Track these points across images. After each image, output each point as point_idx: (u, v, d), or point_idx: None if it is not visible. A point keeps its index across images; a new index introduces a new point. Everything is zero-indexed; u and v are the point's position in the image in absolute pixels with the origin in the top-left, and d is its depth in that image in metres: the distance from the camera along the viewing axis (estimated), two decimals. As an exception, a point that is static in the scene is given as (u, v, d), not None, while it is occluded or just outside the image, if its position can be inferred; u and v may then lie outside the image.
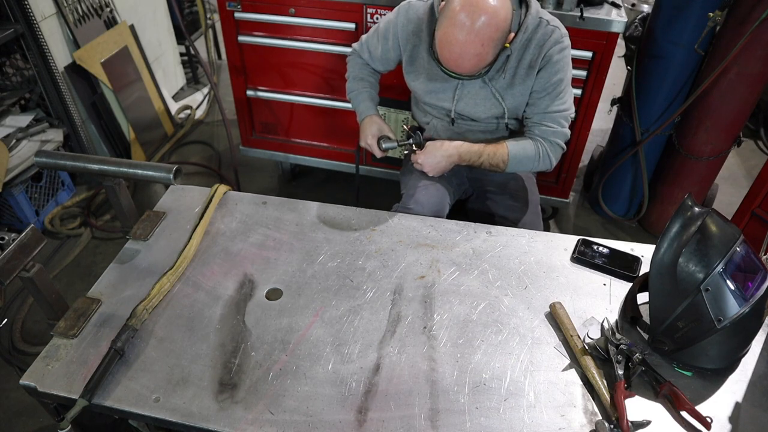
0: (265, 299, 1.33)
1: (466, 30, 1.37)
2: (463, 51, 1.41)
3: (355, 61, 1.91)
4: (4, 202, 2.68)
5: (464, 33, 1.37)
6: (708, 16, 2.22)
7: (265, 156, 3.00)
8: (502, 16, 1.38)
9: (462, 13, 1.36)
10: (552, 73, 1.58)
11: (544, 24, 1.56)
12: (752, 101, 2.43)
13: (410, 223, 1.56)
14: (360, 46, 1.88)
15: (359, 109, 1.85)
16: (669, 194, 2.79)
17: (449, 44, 1.41)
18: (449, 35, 1.40)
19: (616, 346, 1.16)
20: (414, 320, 1.28)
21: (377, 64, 1.85)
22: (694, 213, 1.19)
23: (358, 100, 1.86)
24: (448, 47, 1.42)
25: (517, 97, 1.65)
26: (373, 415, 1.09)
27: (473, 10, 1.36)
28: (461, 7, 1.37)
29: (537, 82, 1.60)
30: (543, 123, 1.64)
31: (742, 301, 1.10)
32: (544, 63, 1.57)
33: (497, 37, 1.40)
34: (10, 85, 2.83)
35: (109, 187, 1.44)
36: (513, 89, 1.64)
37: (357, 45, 1.89)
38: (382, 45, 1.77)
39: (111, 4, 3.21)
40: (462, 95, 1.69)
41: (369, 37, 1.83)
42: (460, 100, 1.70)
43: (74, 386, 1.12)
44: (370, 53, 1.84)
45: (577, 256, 1.44)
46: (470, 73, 1.48)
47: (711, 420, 1.05)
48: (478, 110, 1.71)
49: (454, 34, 1.39)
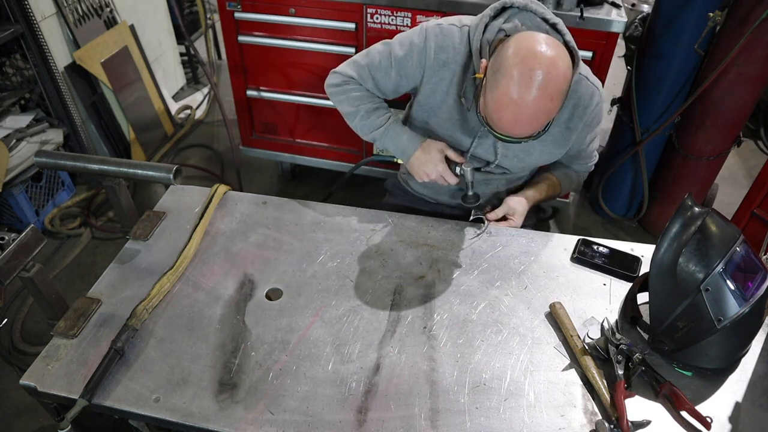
0: (265, 299, 1.33)
1: (536, 88, 1.15)
2: (532, 112, 1.19)
3: (358, 91, 1.55)
4: (4, 202, 2.68)
5: (535, 92, 1.16)
6: (708, 16, 2.22)
7: (265, 156, 3.00)
8: (568, 64, 1.20)
9: (528, 68, 1.15)
10: (592, 130, 1.56)
11: (583, 82, 1.44)
12: (752, 101, 2.43)
13: (410, 223, 1.56)
14: (360, 72, 1.53)
15: (400, 143, 1.52)
16: (669, 194, 2.79)
17: (514, 106, 1.19)
18: (512, 96, 1.17)
19: (616, 346, 1.16)
20: (414, 320, 1.28)
21: (383, 94, 1.57)
22: (694, 213, 1.19)
23: (392, 134, 1.53)
24: (512, 110, 1.19)
25: (545, 154, 1.56)
26: (373, 415, 1.09)
27: (541, 63, 1.15)
28: (523, 63, 1.16)
29: (576, 142, 1.56)
30: (582, 163, 1.69)
31: (742, 301, 1.10)
32: (585, 126, 1.51)
33: (565, 88, 1.20)
34: (10, 85, 2.83)
35: (109, 187, 1.44)
36: (544, 144, 1.51)
37: (352, 70, 1.54)
38: (397, 72, 1.48)
39: (111, 4, 3.21)
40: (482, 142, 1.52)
41: (374, 63, 1.51)
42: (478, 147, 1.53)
43: (74, 386, 1.12)
44: (375, 81, 1.53)
45: (577, 256, 1.44)
46: (530, 135, 1.27)
47: (711, 420, 1.05)
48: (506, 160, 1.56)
49: (521, 94, 1.16)
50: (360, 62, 1.54)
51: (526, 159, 1.56)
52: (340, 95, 1.57)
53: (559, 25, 1.35)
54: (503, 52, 1.21)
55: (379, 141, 1.56)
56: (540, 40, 1.19)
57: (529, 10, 1.36)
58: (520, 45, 1.20)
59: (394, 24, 2.31)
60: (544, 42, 1.19)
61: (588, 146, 1.62)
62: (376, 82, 1.53)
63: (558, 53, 1.18)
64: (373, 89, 1.56)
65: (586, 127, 1.53)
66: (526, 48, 1.18)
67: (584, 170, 1.74)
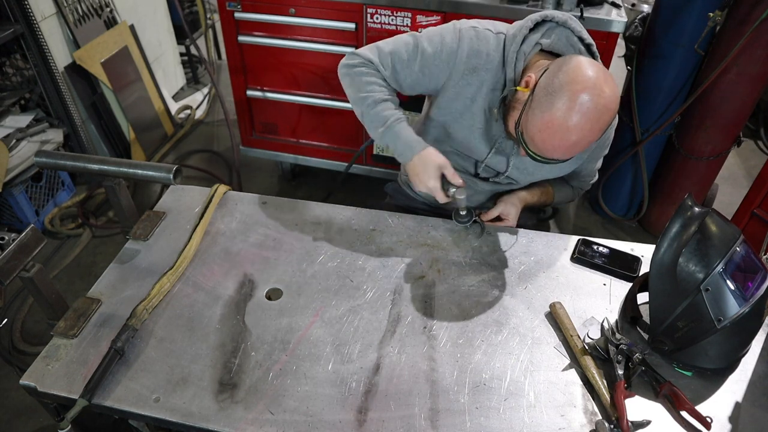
0: (265, 299, 1.33)
1: (589, 118, 1.14)
2: (578, 140, 1.18)
3: (373, 77, 1.46)
4: (4, 202, 2.68)
5: (587, 122, 1.15)
6: (708, 16, 2.22)
7: (265, 156, 3.01)
8: (618, 97, 1.19)
9: (585, 97, 1.13)
10: (602, 150, 1.58)
11: None
12: (752, 101, 2.43)
13: (410, 223, 1.56)
14: (381, 57, 1.45)
15: (401, 143, 1.42)
16: (669, 194, 2.79)
17: (565, 132, 1.16)
18: (565, 122, 1.15)
19: (616, 346, 1.16)
20: (414, 320, 1.28)
21: (399, 87, 1.49)
22: (694, 213, 1.19)
23: (396, 132, 1.42)
24: (561, 135, 1.17)
25: (555, 170, 1.55)
26: (373, 415, 1.09)
27: (598, 95, 1.14)
28: (584, 90, 1.14)
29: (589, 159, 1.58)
30: (581, 179, 1.70)
31: (742, 301, 1.10)
32: (596, 146, 1.53)
33: (612, 119, 1.20)
34: (10, 85, 2.83)
35: (109, 187, 1.44)
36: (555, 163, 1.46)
37: (374, 55, 1.46)
38: (421, 69, 1.42)
39: (111, 4, 3.21)
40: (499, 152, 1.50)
41: (398, 53, 1.44)
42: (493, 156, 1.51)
43: (74, 386, 1.12)
44: (396, 75, 1.46)
45: (577, 256, 1.44)
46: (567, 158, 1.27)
47: (711, 420, 1.05)
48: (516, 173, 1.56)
49: (574, 122, 1.15)
50: (384, 48, 1.46)
51: (536, 173, 1.56)
52: (353, 77, 1.47)
53: (593, 47, 1.36)
54: (558, 75, 1.18)
55: (380, 137, 1.45)
56: (600, 70, 1.17)
57: (567, 27, 1.34)
58: (577, 72, 1.16)
59: (394, 24, 2.31)
60: (599, 72, 1.17)
61: (592, 164, 1.64)
62: (395, 73, 1.45)
63: (613, 87, 1.17)
64: (390, 79, 1.47)
65: (599, 147, 1.56)
66: (583, 76, 1.15)
67: (581, 187, 1.74)
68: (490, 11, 2.17)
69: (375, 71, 1.46)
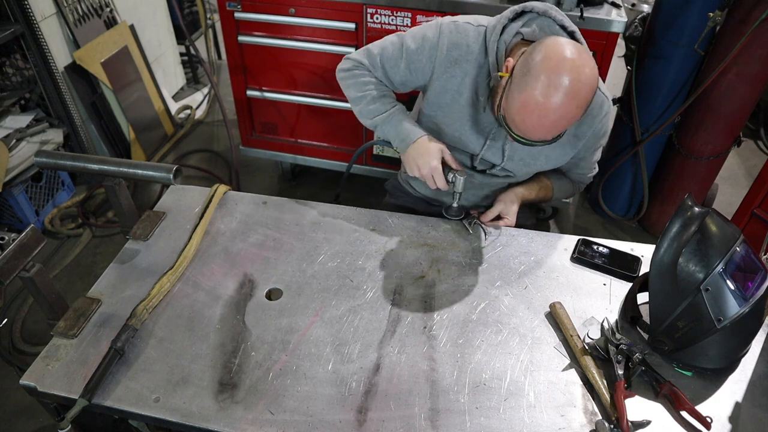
0: (265, 299, 1.33)
1: (565, 94, 1.15)
2: (556, 118, 1.18)
3: (366, 78, 1.54)
4: (4, 202, 2.68)
5: (563, 97, 1.15)
6: (708, 16, 2.22)
7: (265, 156, 3.01)
8: (595, 72, 1.19)
9: (557, 73, 1.14)
10: (598, 139, 1.55)
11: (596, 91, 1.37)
12: (752, 101, 2.43)
13: (410, 223, 1.56)
14: (371, 60, 1.53)
15: (401, 131, 1.47)
16: (669, 194, 2.79)
17: (542, 110, 1.17)
18: (541, 99, 1.16)
19: (616, 346, 1.16)
20: (414, 320, 1.28)
21: (391, 85, 1.56)
22: (694, 213, 1.19)
23: (394, 120, 1.49)
24: (539, 113, 1.18)
25: (551, 160, 1.54)
26: (373, 415, 1.09)
27: (571, 69, 1.14)
28: (555, 66, 1.15)
29: (581, 150, 1.55)
30: (581, 172, 1.68)
31: (742, 301, 1.10)
32: (592, 136, 1.50)
33: (590, 97, 1.20)
34: (10, 85, 2.83)
35: (109, 187, 1.44)
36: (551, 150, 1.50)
37: (364, 58, 1.54)
38: (407, 65, 1.47)
39: (111, 4, 3.21)
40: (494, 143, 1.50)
41: (386, 53, 1.50)
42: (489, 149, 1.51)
43: (74, 386, 1.12)
44: (386, 71, 1.52)
45: (577, 256, 1.44)
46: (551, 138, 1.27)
47: (711, 420, 1.05)
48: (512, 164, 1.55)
49: (548, 98, 1.15)
50: (372, 51, 1.53)
51: (532, 164, 1.55)
52: (349, 80, 1.56)
53: (576, 34, 1.36)
54: (533, 55, 1.20)
55: (380, 127, 1.52)
56: (572, 47, 1.18)
57: (548, 16, 1.35)
58: (552, 50, 1.18)
59: (394, 24, 2.31)
60: (575, 49, 1.18)
61: (591, 156, 1.61)
62: (385, 72, 1.52)
63: (588, 62, 1.18)
64: (382, 78, 1.54)
65: (594, 137, 1.52)
66: (557, 54, 1.17)
67: (581, 181, 1.72)
68: (489, 11, 2.16)
69: (368, 72, 1.54)
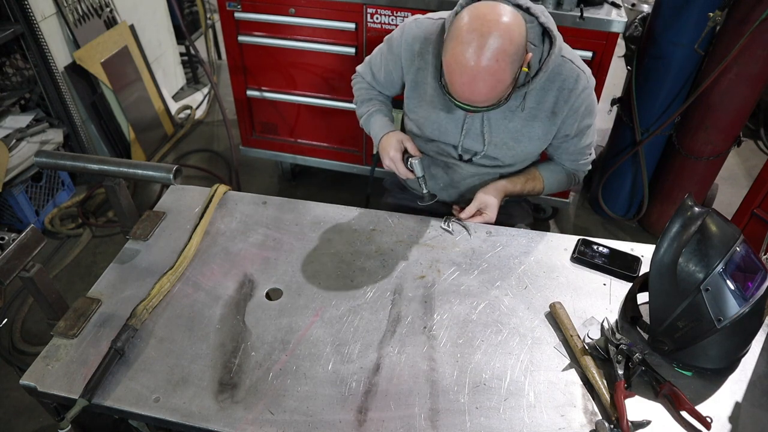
0: (265, 299, 1.33)
1: (478, 47, 1.20)
2: (476, 73, 1.23)
3: (360, 84, 1.76)
4: (4, 202, 2.68)
5: (477, 51, 1.20)
6: (708, 16, 2.22)
7: (265, 156, 3.01)
8: (516, 28, 1.23)
9: (470, 29, 1.22)
10: (581, 118, 1.51)
11: (568, 65, 1.44)
12: (752, 101, 2.43)
13: (410, 223, 1.56)
14: (363, 68, 1.73)
15: (374, 129, 1.65)
16: (669, 194, 2.79)
17: (460, 67, 1.24)
18: (458, 56, 1.23)
19: (616, 346, 1.16)
20: (414, 320, 1.28)
21: (382, 88, 1.71)
22: (694, 213, 1.19)
23: (371, 121, 1.67)
24: (459, 71, 1.25)
25: (534, 141, 1.53)
26: (373, 415, 1.09)
27: (482, 25, 1.21)
28: (469, 25, 1.22)
29: (563, 128, 1.52)
30: (572, 158, 1.65)
31: (742, 301, 1.10)
32: (571, 112, 1.48)
33: (512, 51, 1.22)
34: (10, 85, 2.83)
35: (109, 187, 1.44)
36: (531, 130, 1.51)
37: (360, 67, 1.74)
38: (385, 67, 1.61)
39: (111, 4, 3.21)
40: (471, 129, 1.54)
41: (373, 59, 1.68)
42: (467, 136, 1.55)
43: (74, 386, 1.12)
44: (374, 75, 1.69)
45: (577, 256, 1.44)
46: (487, 101, 1.30)
47: (711, 420, 1.05)
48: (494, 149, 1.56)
49: (463, 54, 1.22)
50: (366, 60, 1.72)
51: (516, 147, 1.54)
52: (353, 89, 1.79)
53: (532, 9, 1.39)
54: (455, 20, 1.28)
55: (365, 127, 1.72)
56: (489, 6, 1.25)
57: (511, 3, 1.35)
58: (469, 11, 1.26)
59: (394, 24, 2.31)
60: (492, 8, 1.25)
61: (577, 138, 1.56)
62: (373, 76, 1.70)
63: (505, 18, 1.23)
64: (373, 83, 1.72)
65: (573, 113, 1.48)
66: (472, 13, 1.25)
67: (575, 168, 1.68)
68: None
69: (362, 80, 1.75)
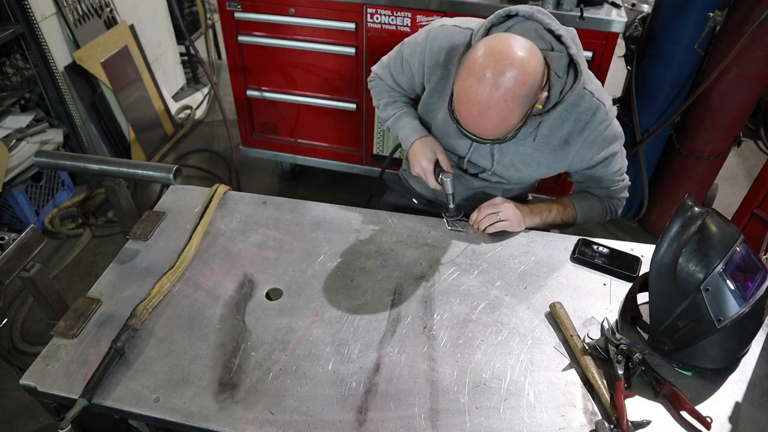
0: (265, 299, 1.33)
1: (488, 84, 1.16)
2: (483, 110, 1.19)
3: (381, 87, 1.69)
4: (4, 202, 2.68)
5: (486, 88, 1.16)
6: (708, 16, 2.22)
7: (265, 156, 3.01)
8: (531, 70, 1.17)
9: (484, 63, 1.16)
10: (599, 149, 1.45)
11: (587, 97, 1.39)
12: (752, 101, 2.44)
13: (410, 223, 1.56)
14: (382, 70, 1.66)
15: (403, 132, 1.59)
16: (669, 194, 2.79)
17: (468, 100, 1.20)
18: (468, 89, 1.19)
19: (616, 346, 1.16)
20: (414, 320, 1.28)
21: (401, 91, 1.66)
22: (694, 213, 1.18)
23: (400, 124, 1.60)
24: (466, 103, 1.21)
25: (543, 167, 1.50)
26: (373, 415, 1.09)
27: (498, 60, 1.15)
28: (484, 57, 1.17)
29: (577, 159, 1.47)
30: (600, 186, 1.57)
31: (742, 301, 1.10)
32: (586, 144, 1.43)
33: (523, 93, 1.18)
34: (10, 85, 2.83)
35: (109, 187, 1.44)
36: (541, 156, 1.47)
37: (379, 69, 1.67)
38: (407, 72, 1.56)
39: (111, 4, 3.21)
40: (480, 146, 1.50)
41: (392, 61, 1.62)
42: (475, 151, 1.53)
43: (74, 386, 1.12)
44: (395, 80, 1.63)
45: (577, 256, 1.44)
46: (492, 136, 1.27)
47: (711, 420, 1.05)
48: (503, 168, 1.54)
49: (473, 88, 1.18)
50: (384, 62, 1.66)
51: (524, 170, 1.53)
52: (373, 91, 1.72)
53: (563, 38, 1.30)
54: (471, 50, 1.23)
55: (392, 130, 1.66)
56: (507, 41, 1.18)
57: (534, 19, 1.31)
58: (486, 43, 1.20)
59: (394, 24, 2.31)
60: (511, 43, 1.17)
61: (602, 166, 1.50)
62: (394, 80, 1.64)
63: (521, 57, 1.16)
64: (393, 85, 1.65)
65: (588, 144, 1.44)
66: (489, 46, 1.19)
67: (609, 196, 1.60)
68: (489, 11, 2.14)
69: (381, 82, 1.68)
